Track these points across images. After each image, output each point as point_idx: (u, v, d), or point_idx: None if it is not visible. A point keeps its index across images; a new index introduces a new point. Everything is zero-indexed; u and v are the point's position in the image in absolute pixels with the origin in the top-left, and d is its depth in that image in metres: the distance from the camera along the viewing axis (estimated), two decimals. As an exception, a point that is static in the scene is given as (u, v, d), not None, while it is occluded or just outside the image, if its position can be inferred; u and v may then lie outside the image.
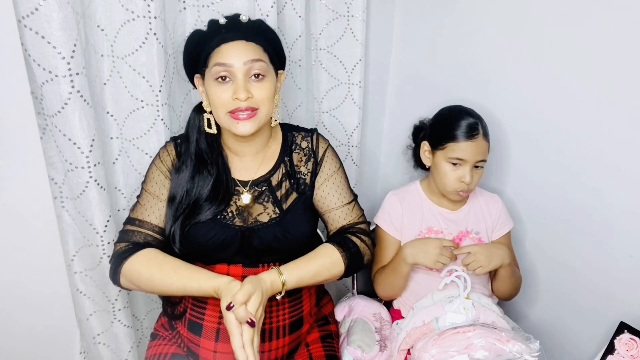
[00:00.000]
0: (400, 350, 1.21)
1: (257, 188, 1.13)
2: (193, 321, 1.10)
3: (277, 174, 1.15)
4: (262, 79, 1.05)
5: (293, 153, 1.17)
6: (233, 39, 1.04)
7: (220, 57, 1.03)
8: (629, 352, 1.11)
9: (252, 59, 1.03)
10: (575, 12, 1.20)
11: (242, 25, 1.08)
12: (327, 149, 1.19)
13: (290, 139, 1.19)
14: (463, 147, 1.21)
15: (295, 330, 1.13)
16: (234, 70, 1.03)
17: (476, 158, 1.22)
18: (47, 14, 0.93)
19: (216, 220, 1.09)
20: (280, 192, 1.14)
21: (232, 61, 1.02)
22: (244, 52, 1.03)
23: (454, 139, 1.22)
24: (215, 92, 1.04)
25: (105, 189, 1.12)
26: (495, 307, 1.25)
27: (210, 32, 1.08)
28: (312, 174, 1.17)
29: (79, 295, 1.24)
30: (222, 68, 1.03)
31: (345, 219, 1.18)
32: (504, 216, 1.35)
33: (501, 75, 1.38)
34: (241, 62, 1.02)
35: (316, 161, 1.17)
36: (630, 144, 1.17)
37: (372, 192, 1.83)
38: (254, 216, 1.11)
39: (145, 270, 1.03)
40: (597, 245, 1.28)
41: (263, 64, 1.05)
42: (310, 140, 1.18)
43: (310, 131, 1.20)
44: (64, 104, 1.00)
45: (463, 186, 1.23)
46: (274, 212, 1.12)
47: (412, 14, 1.58)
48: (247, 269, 1.09)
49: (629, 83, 1.14)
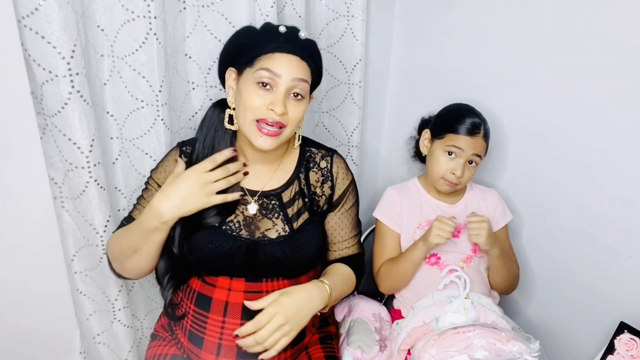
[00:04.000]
0: (400, 350, 1.21)
1: (266, 200, 1.10)
2: (194, 333, 1.08)
3: (290, 190, 1.12)
4: (301, 99, 1.04)
5: (310, 171, 1.14)
6: (289, 52, 1.01)
7: (271, 64, 1.00)
8: (629, 352, 1.11)
9: (300, 77, 1.01)
10: (575, 12, 1.20)
11: (299, 41, 1.04)
12: (345, 175, 1.17)
13: (308, 155, 1.16)
14: (462, 140, 1.25)
15: (297, 343, 1.11)
16: (280, 82, 1.00)
17: (472, 152, 1.25)
18: (47, 14, 0.93)
19: (221, 230, 1.07)
20: (291, 210, 1.11)
21: (282, 72, 1.00)
22: (295, 67, 1.01)
23: (455, 131, 1.26)
24: (250, 95, 1.01)
25: (105, 189, 1.12)
26: (495, 307, 1.25)
27: (267, 36, 1.04)
28: (328, 198, 1.15)
29: (79, 295, 1.23)
30: (268, 74, 0.99)
31: (349, 250, 1.20)
32: (501, 209, 1.37)
33: (501, 74, 1.39)
34: (289, 77, 1.00)
35: (332, 184, 1.15)
36: (631, 143, 1.17)
37: (372, 192, 1.83)
38: (261, 230, 1.09)
39: (116, 241, 1.08)
40: (597, 245, 1.28)
41: (306, 85, 1.04)
42: (329, 161, 1.16)
43: (330, 151, 1.18)
44: (64, 104, 1.00)
45: (452, 177, 1.26)
46: (283, 229, 1.09)
47: (412, 14, 1.58)
48: (250, 284, 1.07)
49: (630, 81, 1.14)
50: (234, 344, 1.04)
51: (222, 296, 1.06)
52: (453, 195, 1.36)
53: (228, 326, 1.05)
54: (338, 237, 1.18)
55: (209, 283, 1.08)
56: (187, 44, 1.25)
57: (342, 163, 1.18)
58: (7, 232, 1.07)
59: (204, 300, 1.08)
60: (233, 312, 1.05)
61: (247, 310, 1.01)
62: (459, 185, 1.29)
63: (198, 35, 1.25)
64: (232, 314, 1.05)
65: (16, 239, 1.09)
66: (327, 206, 1.15)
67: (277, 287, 1.07)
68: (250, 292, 1.06)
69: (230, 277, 1.07)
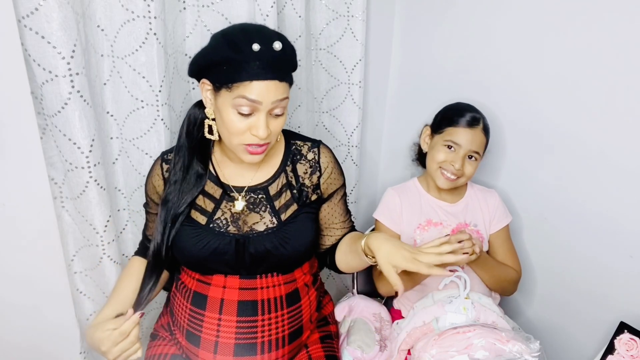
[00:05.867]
0: (401, 350, 1.21)
1: (252, 195, 1.11)
2: (191, 332, 1.08)
3: (277, 183, 1.12)
4: (282, 114, 1.03)
5: (298, 163, 1.14)
6: (267, 78, 0.96)
7: (250, 93, 0.96)
8: (629, 352, 1.11)
9: (281, 98, 0.99)
10: (574, 11, 1.20)
11: (276, 58, 0.97)
12: (334, 165, 1.17)
13: (294, 147, 1.16)
14: (461, 132, 1.26)
15: (295, 339, 1.12)
16: (260, 107, 0.98)
17: (471, 147, 1.25)
18: (47, 14, 0.93)
19: (209, 229, 1.07)
20: (279, 202, 1.11)
21: (262, 99, 0.97)
22: (274, 92, 0.98)
23: (454, 124, 1.27)
24: (233, 121, 0.99)
25: (105, 189, 1.12)
26: (495, 308, 1.25)
27: (242, 59, 0.95)
28: (316, 186, 1.14)
29: (79, 295, 1.24)
30: (248, 103, 0.97)
31: (343, 230, 1.20)
32: (502, 209, 1.37)
33: (501, 74, 1.39)
34: (269, 101, 0.98)
35: (320, 174, 1.14)
36: (631, 143, 1.17)
37: (372, 192, 1.83)
38: (249, 224, 1.09)
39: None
40: (597, 245, 1.28)
41: (287, 100, 1.02)
42: (316, 152, 1.15)
43: (316, 142, 1.17)
44: (64, 104, 1.00)
45: (451, 168, 1.26)
46: (271, 222, 1.09)
47: (412, 14, 1.58)
48: (244, 281, 1.07)
49: (629, 81, 1.14)
50: (231, 341, 1.05)
51: (218, 294, 1.07)
52: (454, 195, 1.36)
53: (224, 324, 1.05)
54: (332, 221, 1.19)
55: (204, 282, 1.09)
56: (187, 44, 1.25)
57: (329, 153, 1.17)
58: (7, 232, 1.07)
59: (199, 299, 1.08)
60: (229, 310, 1.06)
61: (243, 307, 1.04)
62: (460, 180, 1.28)
63: (198, 35, 1.25)
64: (227, 311, 1.06)
65: (16, 239, 1.09)
66: (315, 196, 1.15)
67: (272, 282, 1.08)
68: (245, 289, 1.07)
69: (225, 275, 1.08)
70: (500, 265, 1.32)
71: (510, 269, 1.33)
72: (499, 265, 1.31)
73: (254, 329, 1.06)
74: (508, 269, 1.33)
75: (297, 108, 1.50)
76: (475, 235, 1.32)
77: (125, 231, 1.29)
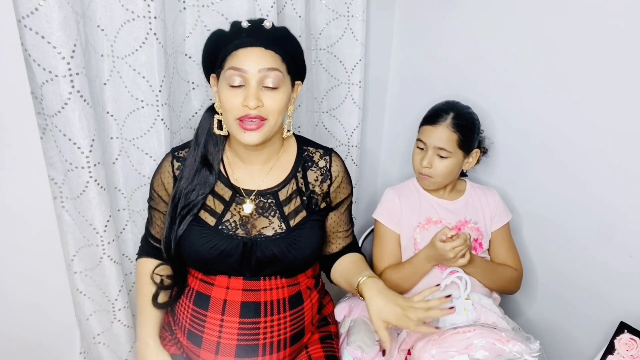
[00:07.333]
0: (401, 350, 1.21)
1: (262, 199, 1.11)
2: (193, 332, 1.08)
3: (287, 189, 1.12)
4: (277, 89, 1.02)
5: (309, 170, 1.14)
6: (251, 45, 1.00)
7: (236, 62, 1.00)
8: (629, 352, 1.11)
9: (268, 67, 1.00)
10: (572, 11, 1.20)
11: (264, 32, 1.03)
12: (344, 174, 1.18)
13: (306, 154, 1.16)
14: (426, 130, 1.29)
15: (297, 342, 1.12)
16: (248, 77, 0.99)
17: (435, 143, 1.27)
18: (47, 14, 0.92)
19: (217, 231, 1.07)
20: (288, 208, 1.11)
21: (247, 67, 0.99)
22: (260, 59, 1.00)
23: (422, 123, 1.31)
24: (226, 97, 1.01)
25: (105, 189, 1.12)
26: (495, 308, 1.25)
27: (231, 35, 1.04)
28: (325, 195, 1.15)
29: (79, 295, 1.24)
30: (236, 73, 0.99)
31: (348, 240, 1.22)
32: (502, 207, 1.37)
33: (501, 75, 1.39)
34: (256, 69, 0.99)
35: (330, 183, 1.15)
36: (630, 143, 1.17)
37: (372, 192, 1.83)
38: (257, 228, 1.09)
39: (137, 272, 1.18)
40: (597, 245, 1.28)
41: (279, 73, 1.01)
42: (328, 161, 1.16)
43: (328, 150, 1.17)
44: (64, 104, 1.00)
45: (424, 170, 1.29)
46: (279, 227, 1.09)
47: (412, 14, 1.58)
48: (248, 282, 1.07)
49: (628, 81, 1.14)
50: (233, 342, 1.05)
51: (221, 294, 1.07)
52: (453, 193, 1.37)
53: (227, 324, 1.05)
54: (337, 229, 1.21)
55: (207, 282, 1.09)
56: (187, 44, 1.25)
57: (340, 162, 1.18)
58: (7, 232, 1.07)
59: (202, 299, 1.08)
60: (231, 311, 1.06)
61: (246, 308, 1.04)
62: (433, 179, 1.29)
63: (198, 35, 1.25)
64: (230, 312, 1.06)
65: (16, 239, 1.09)
66: (324, 204, 1.15)
67: (276, 285, 1.08)
68: (248, 290, 1.07)
69: (229, 276, 1.08)
70: (497, 267, 1.32)
71: (508, 268, 1.33)
72: (496, 267, 1.31)
73: (256, 331, 1.06)
74: (506, 268, 1.32)
75: (297, 108, 1.50)
76: (476, 232, 1.32)
77: (125, 231, 1.29)
